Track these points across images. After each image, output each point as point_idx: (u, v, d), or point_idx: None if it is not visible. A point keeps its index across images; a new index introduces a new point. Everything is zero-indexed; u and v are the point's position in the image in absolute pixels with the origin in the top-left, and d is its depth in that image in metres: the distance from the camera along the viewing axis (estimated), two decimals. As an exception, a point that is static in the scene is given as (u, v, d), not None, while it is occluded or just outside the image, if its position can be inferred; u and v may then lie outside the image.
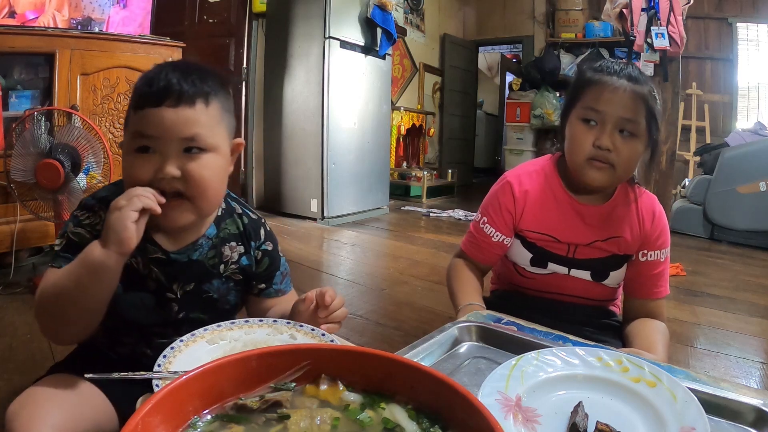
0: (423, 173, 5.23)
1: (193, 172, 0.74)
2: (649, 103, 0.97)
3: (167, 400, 0.35)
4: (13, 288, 1.98)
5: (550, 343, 0.76)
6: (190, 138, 0.74)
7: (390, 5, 4.00)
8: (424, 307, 2.16)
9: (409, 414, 0.40)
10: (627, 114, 0.96)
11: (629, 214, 1.07)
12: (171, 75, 0.74)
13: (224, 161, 0.80)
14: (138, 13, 2.63)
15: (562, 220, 1.07)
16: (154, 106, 0.73)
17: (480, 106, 7.84)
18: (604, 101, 0.97)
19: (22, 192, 2.00)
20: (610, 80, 0.97)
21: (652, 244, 1.07)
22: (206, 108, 0.75)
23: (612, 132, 0.97)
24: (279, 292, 0.94)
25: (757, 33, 5.49)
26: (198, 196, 0.76)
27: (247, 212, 0.92)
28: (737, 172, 3.82)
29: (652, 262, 1.08)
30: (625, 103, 0.96)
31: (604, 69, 1.00)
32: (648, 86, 0.98)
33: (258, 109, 4.13)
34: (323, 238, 3.45)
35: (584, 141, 0.99)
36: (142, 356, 0.86)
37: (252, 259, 0.90)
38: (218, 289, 0.87)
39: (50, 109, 2.09)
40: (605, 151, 0.97)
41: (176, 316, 0.85)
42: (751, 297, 2.55)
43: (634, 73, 0.98)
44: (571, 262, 1.09)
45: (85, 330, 0.76)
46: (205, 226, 0.85)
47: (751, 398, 0.63)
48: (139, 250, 0.79)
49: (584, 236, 1.07)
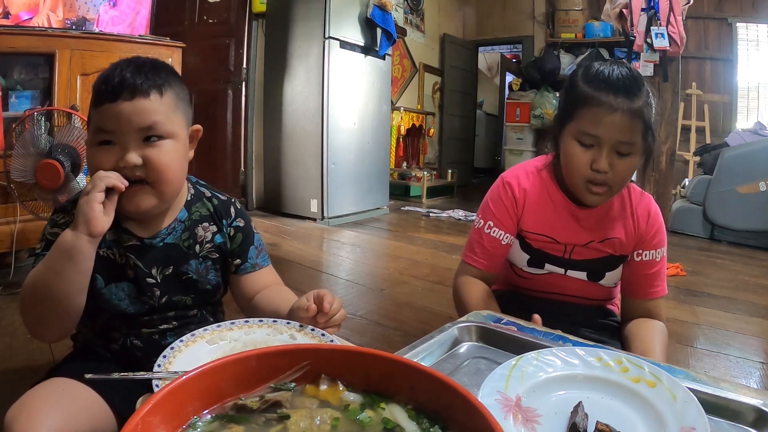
0: (423, 173, 5.23)
1: (153, 158, 0.78)
2: (646, 116, 0.95)
3: (167, 400, 0.35)
4: (13, 288, 1.98)
5: (550, 343, 0.76)
6: (148, 127, 0.78)
7: (390, 5, 4.00)
8: (424, 307, 2.16)
9: (409, 414, 0.40)
10: (624, 137, 0.94)
11: (624, 214, 1.07)
12: (125, 71, 0.78)
13: (182, 147, 0.84)
14: (128, 12, 2.62)
15: (559, 221, 1.07)
16: (112, 101, 0.77)
17: (480, 106, 7.83)
18: (600, 127, 0.95)
19: (22, 192, 2.00)
20: (606, 100, 0.94)
21: (647, 244, 1.07)
22: (161, 98, 0.79)
23: (609, 153, 0.96)
24: (256, 266, 0.96)
25: (757, 33, 5.49)
26: (159, 181, 0.80)
27: (217, 195, 0.96)
28: (737, 172, 3.82)
29: (648, 262, 1.07)
30: (621, 126, 0.94)
31: (599, 81, 0.96)
32: (643, 94, 0.95)
33: (258, 109, 4.13)
34: (323, 238, 3.45)
35: (581, 163, 0.98)
36: (133, 349, 0.88)
37: (225, 236, 0.93)
38: (197, 270, 0.90)
39: (50, 109, 2.08)
40: (603, 174, 0.96)
41: (159, 300, 0.88)
42: (751, 297, 2.55)
43: (629, 81, 0.95)
44: (567, 263, 1.10)
45: (65, 323, 0.79)
46: (175, 211, 0.89)
47: (751, 398, 0.63)
48: (114, 241, 0.84)
49: (580, 237, 1.07)
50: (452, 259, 2.76)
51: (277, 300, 0.91)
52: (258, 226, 3.76)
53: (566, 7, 5.84)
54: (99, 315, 0.87)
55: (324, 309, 0.77)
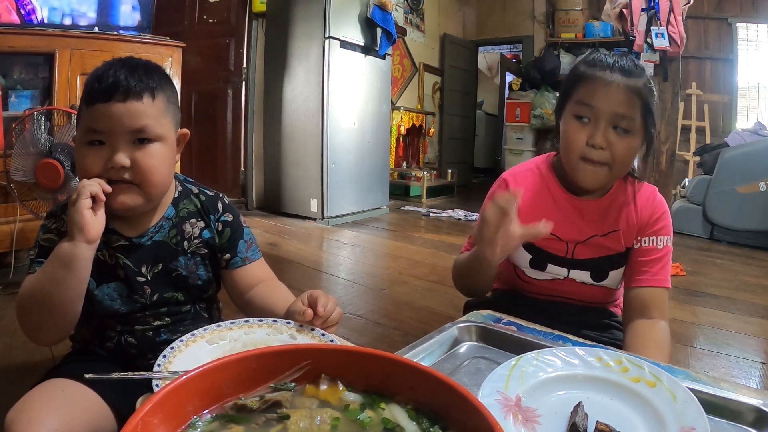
0: (423, 173, 5.23)
1: (141, 161, 0.80)
2: (645, 96, 0.93)
3: (167, 400, 0.35)
4: (13, 288, 1.98)
5: (550, 343, 0.76)
6: (139, 129, 0.79)
7: (390, 5, 4.00)
8: (424, 307, 2.16)
9: (409, 414, 0.40)
10: (621, 109, 0.92)
11: (627, 206, 1.04)
12: (119, 72, 0.79)
13: (170, 150, 0.85)
14: None
15: (561, 217, 1.05)
16: (104, 101, 0.77)
17: (480, 106, 7.83)
18: (596, 96, 0.94)
19: (21, 192, 2.00)
20: (603, 74, 0.94)
21: (648, 231, 1.03)
22: (153, 101, 0.80)
23: (606, 129, 0.94)
24: (246, 260, 0.96)
25: (757, 33, 5.48)
26: (145, 183, 0.81)
27: (204, 191, 0.96)
28: (737, 172, 3.81)
29: (648, 249, 1.03)
30: (618, 97, 0.92)
31: (597, 63, 0.96)
32: (643, 78, 0.95)
33: (258, 109, 4.13)
34: (323, 238, 3.45)
35: (577, 139, 0.96)
36: (128, 347, 0.88)
37: (213, 231, 0.94)
38: (186, 266, 0.91)
39: (50, 108, 2.08)
40: (599, 149, 0.94)
41: (150, 298, 0.88)
42: (751, 297, 2.55)
43: (628, 66, 0.94)
44: (569, 263, 1.08)
45: (63, 328, 0.80)
46: (163, 209, 0.90)
47: (751, 398, 0.63)
48: (103, 243, 0.84)
49: (583, 232, 1.05)
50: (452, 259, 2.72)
51: (273, 298, 0.91)
52: (258, 225, 3.74)
53: (566, 7, 5.84)
54: (93, 315, 0.88)
55: (318, 312, 0.77)
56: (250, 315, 0.83)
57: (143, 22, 2.66)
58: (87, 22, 2.49)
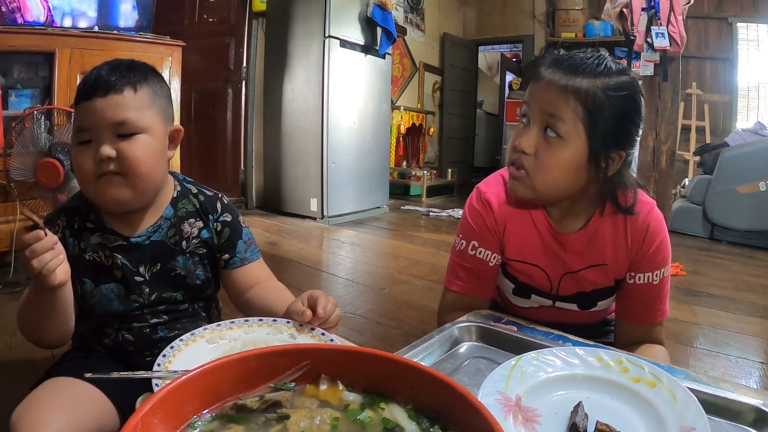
0: (423, 172, 5.23)
1: (126, 151, 0.80)
2: (587, 100, 0.80)
3: (167, 400, 0.35)
4: (12, 287, 1.98)
5: (550, 343, 0.76)
6: (121, 122, 0.80)
7: (390, 4, 4.00)
8: (424, 307, 2.16)
9: (409, 414, 0.40)
10: (549, 108, 0.81)
11: (616, 234, 0.91)
12: (102, 71, 0.81)
13: (158, 143, 0.85)
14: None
15: (542, 248, 0.94)
16: (88, 99, 0.79)
17: (480, 105, 7.83)
18: (530, 93, 0.85)
19: (21, 191, 1.99)
20: (543, 72, 0.83)
21: (642, 266, 0.91)
22: (134, 94, 0.81)
23: (538, 131, 0.84)
24: (245, 260, 0.96)
25: (757, 33, 5.48)
26: (131, 173, 0.81)
27: (203, 190, 0.96)
28: (737, 172, 3.81)
29: (643, 286, 0.91)
30: (547, 94, 0.82)
31: (545, 60, 0.86)
32: (600, 79, 0.80)
33: (258, 109, 4.13)
34: (323, 237, 3.44)
35: (511, 145, 0.87)
36: (125, 343, 0.89)
37: (212, 231, 0.94)
38: (184, 266, 0.91)
39: (50, 108, 2.08)
40: (519, 153, 0.84)
41: (149, 297, 0.89)
42: (751, 297, 2.55)
43: (582, 62, 0.82)
44: (555, 297, 0.98)
45: (59, 336, 0.83)
46: (161, 209, 0.90)
47: (751, 398, 0.63)
48: (100, 244, 0.86)
49: (567, 265, 0.93)
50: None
51: (271, 298, 0.91)
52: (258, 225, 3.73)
53: (566, 7, 5.84)
54: (91, 315, 0.89)
55: (318, 314, 0.77)
56: (249, 315, 0.83)
57: (143, 22, 2.66)
58: (87, 22, 2.49)
